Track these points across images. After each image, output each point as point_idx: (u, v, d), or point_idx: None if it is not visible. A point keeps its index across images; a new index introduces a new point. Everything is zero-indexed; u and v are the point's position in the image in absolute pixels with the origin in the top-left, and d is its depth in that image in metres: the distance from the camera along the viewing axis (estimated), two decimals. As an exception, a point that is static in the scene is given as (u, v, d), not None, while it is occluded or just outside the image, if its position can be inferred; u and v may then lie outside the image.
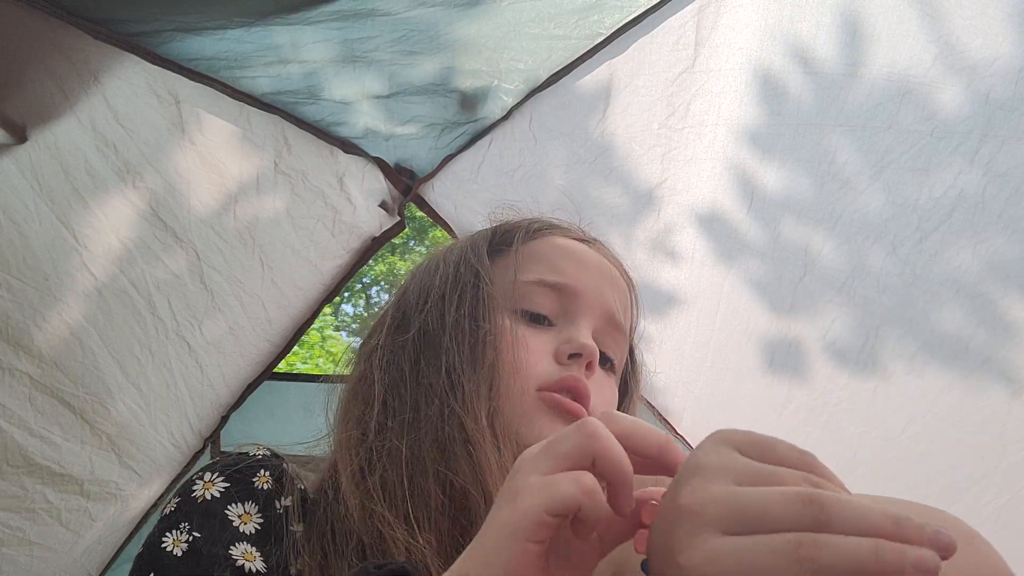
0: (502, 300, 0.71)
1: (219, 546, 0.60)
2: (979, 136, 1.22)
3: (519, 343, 0.67)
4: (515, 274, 0.72)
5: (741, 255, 1.54)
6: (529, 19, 1.31)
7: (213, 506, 0.61)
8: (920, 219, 1.34)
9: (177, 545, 0.59)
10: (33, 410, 1.35)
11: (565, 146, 1.51)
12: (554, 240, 0.77)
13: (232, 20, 1.22)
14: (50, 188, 1.25)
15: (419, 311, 0.71)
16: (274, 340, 1.73)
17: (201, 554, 0.59)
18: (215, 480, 0.63)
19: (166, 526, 0.60)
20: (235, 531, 0.61)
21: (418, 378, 0.67)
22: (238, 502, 0.62)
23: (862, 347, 1.47)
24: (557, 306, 0.72)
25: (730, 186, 1.49)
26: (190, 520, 0.60)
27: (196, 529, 0.60)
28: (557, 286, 0.72)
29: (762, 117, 1.41)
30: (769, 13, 1.32)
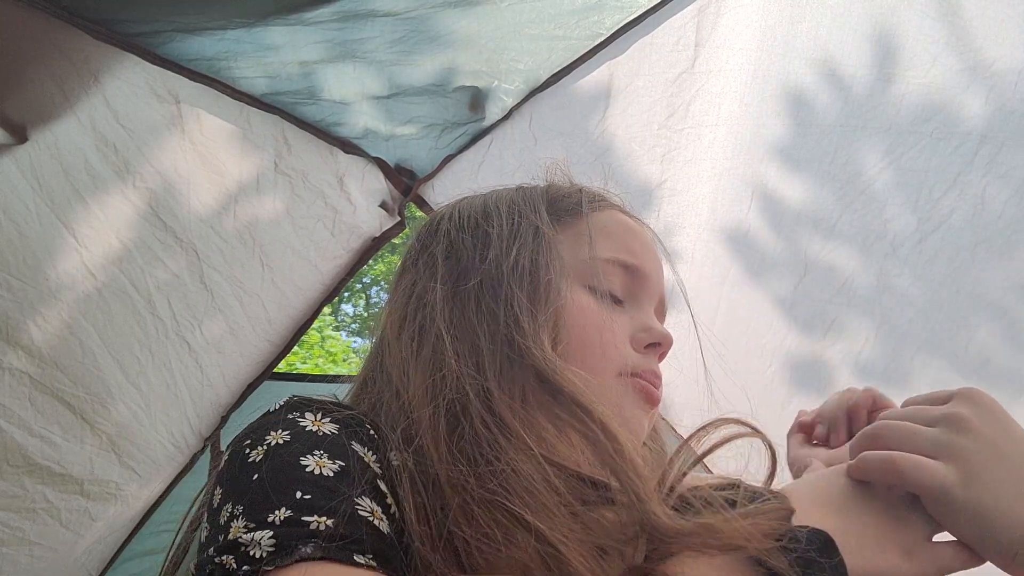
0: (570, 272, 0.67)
1: (367, 476, 0.52)
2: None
3: (600, 323, 0.64)
4: (591, 248, 0.68)
5: (741, 255, 1.54)
6: (529, 20, 1.31)
7: (339, 439, 0.53)
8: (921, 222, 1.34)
9: (323, 466, 0.51)
10: (33, 410, 1.35)
11: (565, 146, 1.52)
12: (617, 216, 0.73)
13: (232, 20, 1.22)
14: (50, 188, 1.25)
15: (480, 261, 0.66)
16: (274, 340, 1.73)
17: (356, 478, 0.51)
18: (323, 421, 0.55)
19: (295, 452, 0.51)
20: (372, 470, 0.53)
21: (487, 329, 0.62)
22: (359, 442, 0.55)
23: (862, 345, 1.47)
24: (627, 287, 0.69)
25: (730, 186, 1.49)
26: (324, 449, 0.52)
27: (338, 458, 0.51)
28: (631, 268, 0.69)
29: (763, 117, 1.41)
30: (769, 14, 1.32)
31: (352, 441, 0.54)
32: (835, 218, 1.40)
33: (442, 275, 0.67)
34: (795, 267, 1.47)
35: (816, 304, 1.47)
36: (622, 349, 0.66)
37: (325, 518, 0.47)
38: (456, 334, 0.62)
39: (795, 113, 1.37)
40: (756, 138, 1.43)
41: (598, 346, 0.64)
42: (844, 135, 1.35)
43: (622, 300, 0.69)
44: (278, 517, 0.47)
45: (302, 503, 0.48)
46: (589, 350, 0.63)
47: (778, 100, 1.37)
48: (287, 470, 0.50)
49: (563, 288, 0.64)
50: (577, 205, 0.72)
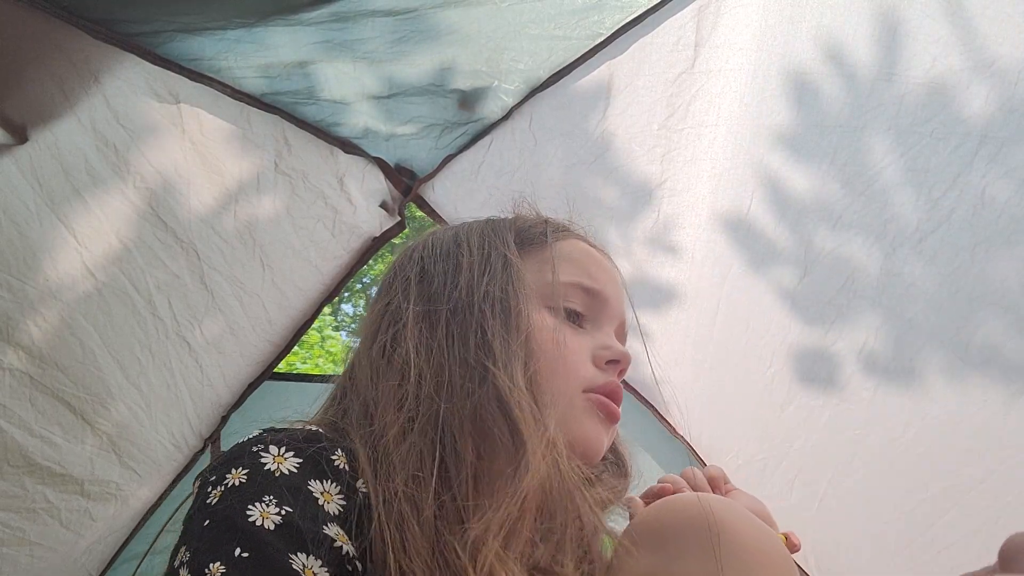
0: (540, 297, 0.72)
1: (314, 524, 0.54)
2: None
3: (564, 342, 0.69)
4: (554, 273, 0.73)
5: (741, 255, 1.54)
6: (529, 20, 1.31)
7: (294, 481, 0.56)
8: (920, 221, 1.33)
9: (267, 517, 0.53)
10: (33, 410, 1.35)
11: (565, 146, 1.51)
12: (580, 243, 0.79)
13: (232, 20, 1.22)
14: (50, 188, 1.25)
15: (450, 287, 0.71)
16: (274, 340, 1.73)
17: (298, 528, 0.53)
18: (286, 455, 0.57)
19: (245, 501, 0.53)
20: (323, 510, 0.55)
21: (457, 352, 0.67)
22: (318, 479, 0.57)
23: (862, 345, 1.47)
24: (588, 309, 0.74)
25: (730, 186, 1.49)
26: (274, 493, 0.54)
27: (285, 504, 0.54)
28: (591, 291, 0.74)
29: (763, 117, 1.41)
30: (769, 13, 1.32)
31: (311, 480, 0.56)
32: (839, 212, 1.39)
33: (414, 297, 0.72)
34: (797, 265, 1.47)
35: (820, 300, 1.47)
36: (585, 367, 0.70)
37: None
38: (424, 355, 0.67)
39: (795, 113, 1.37)
40: (756, 137, 1.43)
41: (562, 365, 0.68)
42: (845, 133, 1.35)
43: (584, 322, 0.73)
44: (214, 573, 0.50)
45: (238, 561, 0.51)
46: (556, 368, 0.68)
47: (778, 99, 1.37)
48: (233, 520, 0.53)
49: (531, 313, 0.69)
50: (542, 235, 0.77)
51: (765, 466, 1.68)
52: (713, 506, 0.58)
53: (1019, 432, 1.36)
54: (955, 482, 1.45)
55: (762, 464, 1.69)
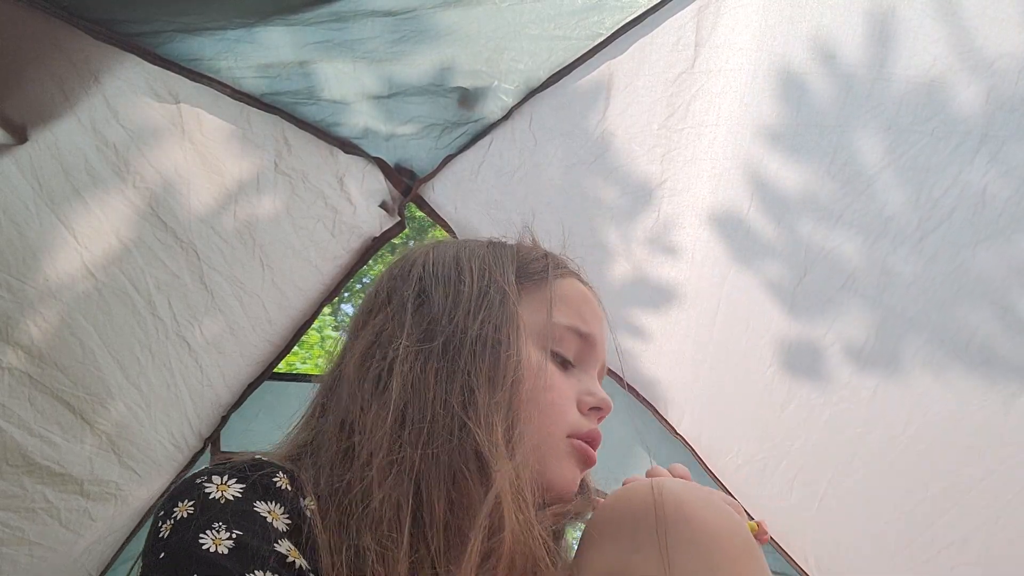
0: (537, 337, 0.71)
1: (265, 542, 0.56)
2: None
3: (552, 385, 0.69)
4: (550, 314, 0.72)
5: (741, 255, 1.54)
6: (529, 20, 1.31)
7: (239, 506, 0.57)
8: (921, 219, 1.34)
9: (219, 544, 0.54)
10: (33, 410, 1.35)
11: (565, 146, 1.51)
12: (576, 284, 0.78)
13: (232, 20, 1.22)
14: (50, 188, 1.25)
15: (448, 319, 0.70)
16: (274, 340, 1.73)
17: (250, 548, 0.54)
18: (229, 483, 0.59)
19: (195, 531, 0.55)
20: (272, 527, 0.57)
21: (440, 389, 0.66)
22: (262, 500, 0.58)
23: (863, 345, 1.47)
24: (578, 353, 0.74)
25: (730, 186, 1.49)
26: (223, 520, 0.56)
27: (235, 527, 0.55)
28: (584, 336, 0.74)
29: (763, 117, 1.41)
30: (769, 13, 1.32)
31: (256, 501, 0.58)
32: (839, 212, 1.39)
33: (408, 328, 0.70)
34: (797, 265, 1.47)
35: (820, 300, 1.47)
36: (570, 411, 0.71)
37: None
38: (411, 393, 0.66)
39: (795, 112, 1.37)
40: (756, 137, 1.43)
41: (549, 408, 0.69)
42: (844, 133, 1.35)
43: (573, 364, 0.74)
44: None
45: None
46: (542, 411, 0.68)
47: (778, 99, 1.37)
48: (186, 550, 0.54)
49: (522, 353, 0.68)
50: (543, 271, 0.76)
51: (765, 466, 1.68)
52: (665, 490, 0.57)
53: (1019, 431, 1.36)
54: (955, 481, 1.45)
55: (762, 464, 1.69)
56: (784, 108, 1.38)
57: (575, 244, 0.90)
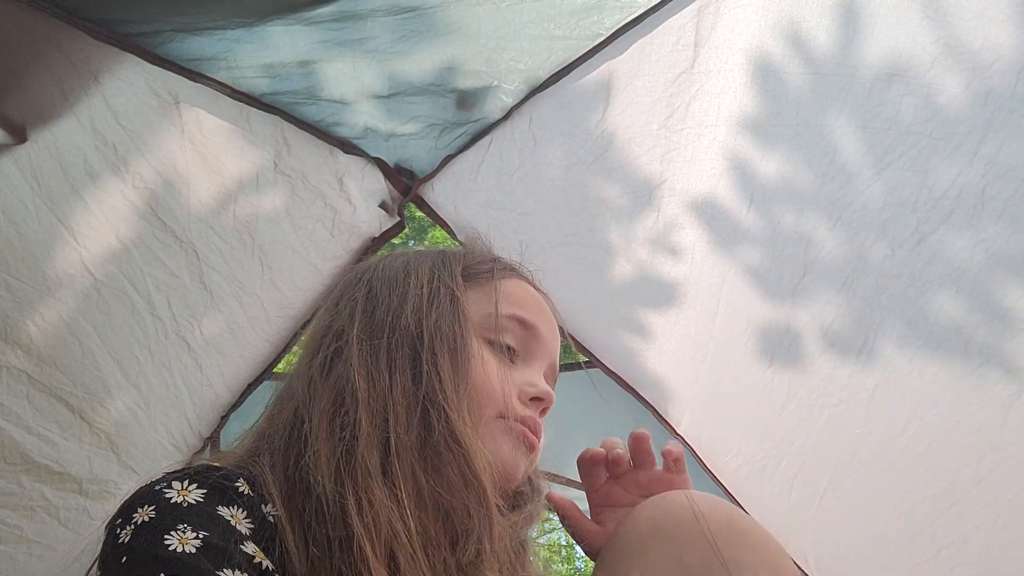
0: (479, 328, 0.75)
1: (232, 543, 0.55)
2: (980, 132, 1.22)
3: (490, 369, 0.72)
4: (496, 306, 0.76)
5: (740, 256, 1.54)
6: (529, 19, 1.31)
7: (203, 508, 0.57)
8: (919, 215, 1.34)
9: (186, 543, 0.53)
10: (31, 408, 1.35)
11: (565, 146, 1.51)
12: (523, 285, 0.82)
13: (232, 20, 1.22)
14: (49, 188, 1.25)
15: (396, 315, 0.73)
16: (273, 340, 1.73)
17: (219, 547, 0.54)
18: (189, 488, 0.58)
19: (159, 532, 0.54)
20: (236, 530, 0.57)
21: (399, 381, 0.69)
22: (224, 505, 0.58)
23: (863, 344, 1.47)
24: (522, 343, 0.77)
25: (730, 186, 1.49)
26: (187, 522, 0.55)
27: (200, 529, 0.55)
28: (527, 325, 0.77)
29: (763, 116, 1.41)
30: (769, 13, 1.32)
31: (218, 506, 0.58)
32: (839, 211, 1.39)
33: (359, 319, 0.74)
34: (798, 264, 1.47)
35: (821, 299, 1.47)
36: (509, 397, 0.73)
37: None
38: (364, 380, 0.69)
39: (796, 112, 1.37)
40: (756, 137, 1.43)
41: (487, 391, 0.71)
42: (844, 132, 1.35)
43: (516, 357, 0.77)
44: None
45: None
46: (479, 392, 0.71)
47: (778, 99, 1.37)
48: (151, 550, 0.53)
49: (472, 349, 0.72)
50: (488, 272, 0.80)
51: (765, 466, 1.68)
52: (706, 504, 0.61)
53: (1019, 431, 1.36)
54: (955, 481, 1.45)
55: (762, 464, 1.69)
56: (784, 108, 1.38)
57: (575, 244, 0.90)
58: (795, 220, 1.46)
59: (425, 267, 0.79)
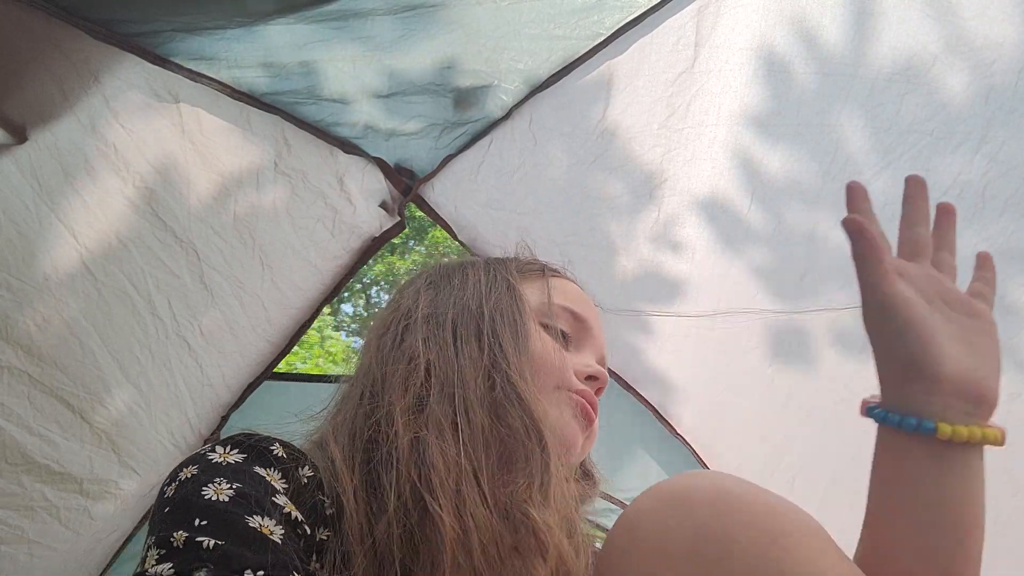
0: (536, 313, 0.80)
1: (264, 494, 0.60)
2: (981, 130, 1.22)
3: (547, 345, 0.77)
4: (548, 295, 0.81)
5: (742, 255, 1.54)
6: (529, 19, 1.31)
7: (240, 466, 0.62)
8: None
9: (220, 493, 0.58)
10: (32, 408, 1.35)
11: (565, 146, 1.51)
12: (571, 284, 0.87)
13: (232, 20, 1.22)
14: (50, 188, 1.25)
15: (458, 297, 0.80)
16: (274, 340, 1.73)
17: (250, 498, 0.59)
18: (231, 452, 0.63)
19: (198, 485, 0.59)
20: (270, 486, 0.61)
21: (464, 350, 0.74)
22: (261, 467, 0.63)
23: (863, 346, 1.47)
24: (574, 332, 0.82)
25: (730, 187, 1.49)
26: (224, 476, 0.60)
27: (235, 481, 0.60)
28: (578, 316, 0.82)
29: (763, 115, 1.41)
30: (769, 13, 1.32)
31: (255, 466, 0.63)
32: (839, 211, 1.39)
33: (423, 303, 0.80)
34: (798, 263, 1.47)
35: (821, 299, 1.47)
36: (566, 370, 0.77)
37: (217, 539, 0.56)
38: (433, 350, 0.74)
39: (796, 112, 1.37)
40: (756, 137, 1.43)
41: (546, 363, 0.76)
42: (846, 131, 1.35)
43: (569, 343, 0.81)
44: (178, 541, 0.56)
45: (198, 528, 0.56)
46: (538, 364, 0.75)
47: (778, 99, 1.37)
48: (189, 499, 0.59)
49: (530, 327, 0.77)
50: (540, 269, 0.86)
51: (765, 465, 1.68)
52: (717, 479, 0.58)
53: (1019, 431, 1.36)
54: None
55: (762, 464, 1.69)
56: (784, 108, 1.38)
57: (575, 243, 0.91)
58: (796, 219, 1.46)
59: (480, 264, 0.85)
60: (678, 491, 0.56)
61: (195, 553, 0.54)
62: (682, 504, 0.54)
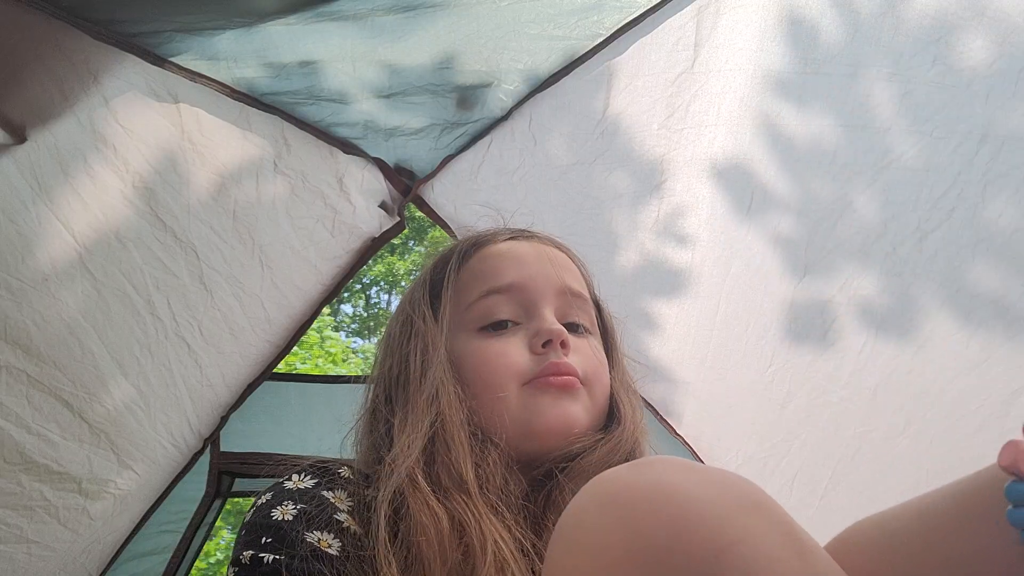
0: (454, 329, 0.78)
1: (325, 512, 0.66)
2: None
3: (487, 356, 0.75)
4: (459, 301, 0.78)
5: (740, 255, 1.54)
6: (529, 19, 1.31)
7: (309, 491, 0.68)
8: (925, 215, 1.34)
9: (286, 513, 0.65)
10: (31, 408, 1.35)
11: (564, 147, 1.52)
12: (483, 252, 0.82)
13: (232, 20, 1.22)
14: (49, 188, 1.25)
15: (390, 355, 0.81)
16: (274, 340, 1.73)
17: (311, 515, 0.66)
18: (304, 479, 0.70)
19: (269, 508, 0.66)
20: (334, 505, 0.68)
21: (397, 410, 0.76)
22: (329, 490, 0.69)
23: (863, 346, 1.47)
24: (514, 306, 0.77)
25: (730, 187, 1.49)
26: (292, 499, 0.67)
27: (300, 503, 0.67)
28: (502, 289, 0.77)
29: (763, 115, 1.41)
30: (770, 12, 1.32)
31: (323, 490, 0.69)
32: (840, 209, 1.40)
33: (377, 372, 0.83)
34: (798, 265, 1.47)
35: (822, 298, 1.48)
36: (518, 364, 0.74)
37: (276, 554, 0.62)
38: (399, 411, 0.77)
39: (796, 111, 1.37)
40: (756, 137, 1.43)
41: (489, 376, 0.74)
42: (846, 132, 1.35)
43: (511, 320, 0.77)
44: (245, 557, 0.63)
45: (263, 545, 0.64)
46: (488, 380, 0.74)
47: (778, 98, 1.37)
48: (260, 521, 0.66)
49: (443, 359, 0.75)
50: (445, 275, 0.82)
51: (765, 465, 1.68)
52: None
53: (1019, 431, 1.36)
54: (955, 481, 1.45)
55: (762, 464, 1.69)
56: (783, 107, 1.38)
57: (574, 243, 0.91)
58: (796, 219, 1.46)
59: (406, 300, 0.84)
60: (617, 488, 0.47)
61: (258, 568, 0.62)
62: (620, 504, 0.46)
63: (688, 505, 0.43)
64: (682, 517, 0.43)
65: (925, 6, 1.22)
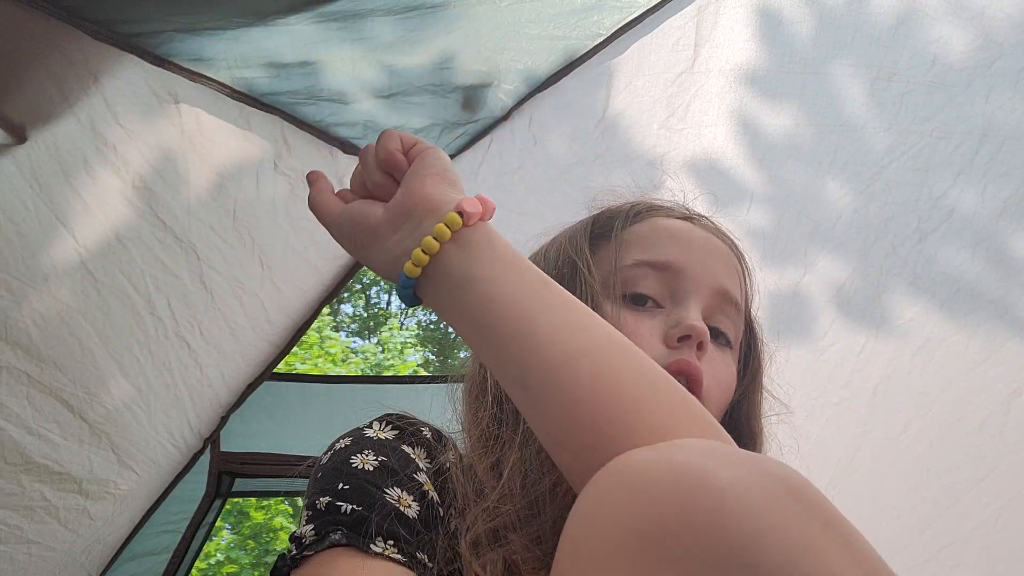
0: (603, 288, 0.69)
1: (406, 469, 0.63)
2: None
3: (632, 330, 0.66)
4: (615, 260, 0.71)
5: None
6: (529, 19, 1.31)
7: (390, 442, 0.65)
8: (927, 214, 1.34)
9: (367, 462, 0.62)
10: (31, 408, 1.35)
11: (564, 146, 1.52)
12: (656, 221, 0.75)
13: (232, 20, 1.22)
14: (49, 188, 1.25)
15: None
16: (274, 340, 1.73)
17: (392, 470, 0.62)
18: (385, 429, 0.67)
19: (348, 453, 0.63)
20: (414, 463, 0.64)
21: None
22: (409, 445, 0.66)
23: (863, 347, 1.47)
24: (663, 287, 0.70)
25: (730, 186, 1.49)
26: (373, 449, 0.63)
27: (381, 455, 0.63)
28: (659, 265, 0.70)
29: (764, 115, 1.41)
30: (769, 14, 1.32)
31: (404, 444, 0.66)
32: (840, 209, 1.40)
33: None
34: (798, 263, 1.47)
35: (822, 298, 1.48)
36: (650, 349, 0.66)
37: (355, 504, 0.58)
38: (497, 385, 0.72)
39: (796, 110, 1.38)
40: (756, 137, 1.43)
41: None
42: (846, 131, 1.35)
43: (655, 299, 0.70)
44: (321, 503, 0.59)
45: (341, 492, 0.60)
46: None
47: (777, 98, 1.37)
48: (338, 466, 0.62)
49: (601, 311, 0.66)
50: (612, 223, 0.75)
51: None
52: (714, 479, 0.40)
53: (1019, 431, 1.36)
54: (955, 481, 1.45)
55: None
56: (783, 107, 1.38)
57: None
58: (796, 220, 1.46)
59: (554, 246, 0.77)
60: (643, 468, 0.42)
61: (334, 516, 0.58)
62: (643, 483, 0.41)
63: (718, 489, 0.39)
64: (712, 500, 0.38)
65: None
